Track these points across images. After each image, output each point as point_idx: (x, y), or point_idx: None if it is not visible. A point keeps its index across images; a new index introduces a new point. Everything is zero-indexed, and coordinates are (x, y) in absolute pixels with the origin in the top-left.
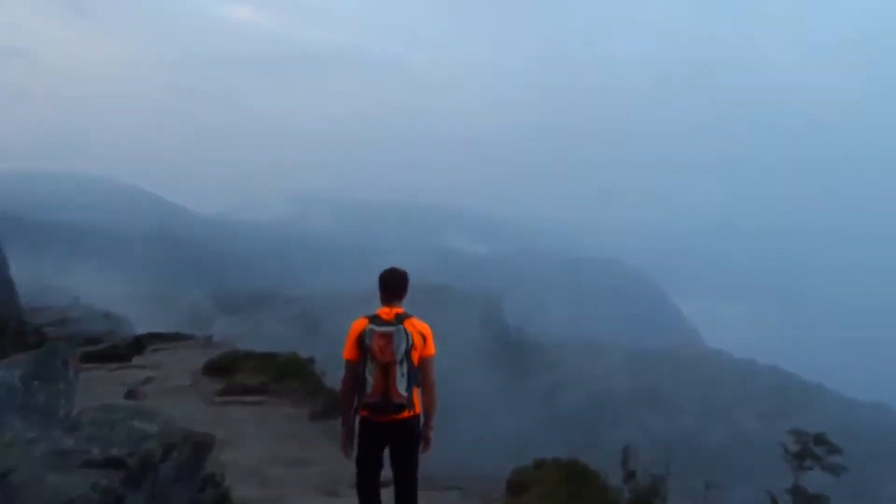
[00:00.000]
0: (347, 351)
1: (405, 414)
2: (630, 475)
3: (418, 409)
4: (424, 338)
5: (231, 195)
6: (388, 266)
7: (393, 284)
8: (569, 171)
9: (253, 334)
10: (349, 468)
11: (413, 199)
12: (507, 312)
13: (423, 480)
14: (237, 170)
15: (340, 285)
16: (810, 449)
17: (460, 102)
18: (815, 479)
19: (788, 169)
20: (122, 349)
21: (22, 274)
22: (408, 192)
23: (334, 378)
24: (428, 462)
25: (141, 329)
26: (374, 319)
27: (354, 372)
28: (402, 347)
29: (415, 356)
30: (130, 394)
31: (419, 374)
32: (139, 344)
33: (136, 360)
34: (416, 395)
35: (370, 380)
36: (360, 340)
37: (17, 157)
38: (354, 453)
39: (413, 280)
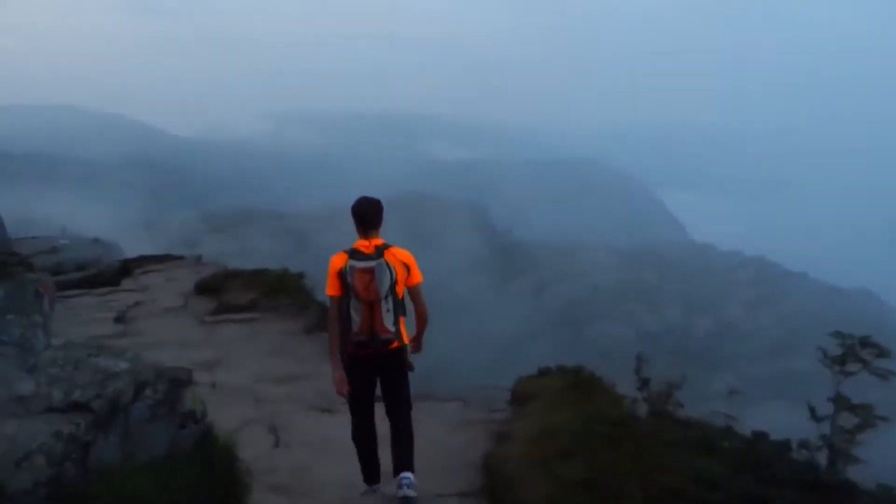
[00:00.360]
0: (330, 287)
1: (392, 346)
2: (644, 383)
3: (405, 339)
4: (408, 267)
5: (207, 114)
6: (365, 185)
7: (367, 215)
8: (547, 72)
9: (242, 252)
10: None
11: (390, 108)
12: (493, 217)
13: (421, 393)
14: (210, 88)
15: (324, 200)
16: (855, 352)
17: (431, 3)
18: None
19: (774, 60)
20: (110, 274)
21: (4, 206)
22: (384, 101)
23: (325, 292)
24: (424, 372)
25: (130, 253)
26: (354, 254)
27: (339, 307)
28: (386, 283)
29: (399, 289)
30: (120, 319)
31: (404, 305)
32: (127, 267)
33: (125, 284)
34: (403, 325)
35: (356, 317)
36: (342, 277)
37: None
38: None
39: (397, 190)
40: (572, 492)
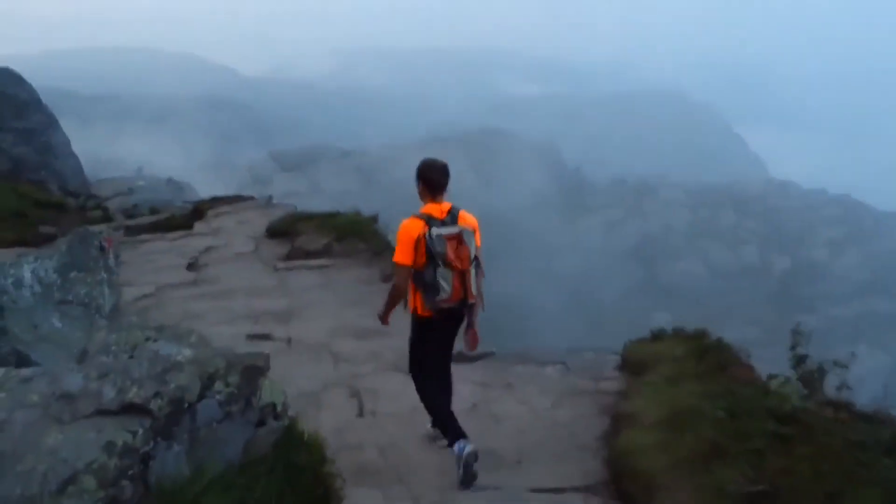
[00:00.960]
0: (403, 255)
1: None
2: (800, 360)
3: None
4: (477, 231)
5: (276, 52)
6: (435, 122)
7: (440, 177)
8: (626, 3)
9: (311, 191)
10: None
11: (462, 44)
12: (565, 153)
13: (515, 355)
14: (278, 26)
15: (393, 137)
16: None
17: None
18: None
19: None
20: (182, 218)
21: (81, 148)
22: (455, 37)
23: (395, 259)
24: (506, 332)
25: (203, 193)
26: (431, 220)
27: (408, 278)
28: (473, 249)
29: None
30: (191, 265)
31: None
32: (199, 210)
33: (197, 228)
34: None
35: (445, 286)
36: (423, 245)
37: (57, 37)
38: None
39: (468, 126)
40: None
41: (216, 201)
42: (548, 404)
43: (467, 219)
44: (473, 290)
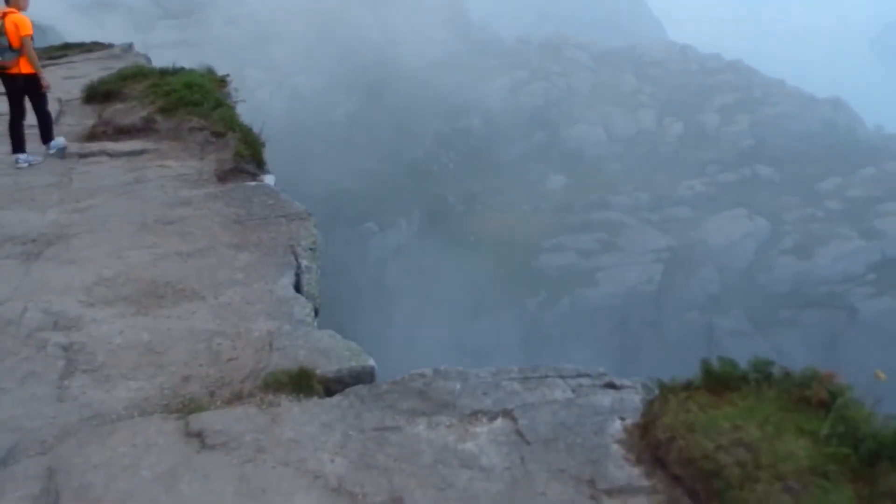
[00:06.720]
0: None
1: (13, 70)
2: None
3: (24, 70)
4: (17, 26)
5: None
6: None
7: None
8: None
9: (202, 42)
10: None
11: None
12: (470, 9)
13: (411, 387)
14: None
15: None
16: None
17: None
18: (760, 172)
19: None
20: None
21: None
22: None
23: (257, 107)
24: None
25: (73, 39)
26: None
27: None
28: (2, 37)
29: (11, 39)
30: None
31: (19, 49)
32: None
33: None
34: (21, 61)
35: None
36: None
37: None
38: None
39: None
40: None
41: (69, 48)
42: None
43: (13, 19)
44: (4, 60)
